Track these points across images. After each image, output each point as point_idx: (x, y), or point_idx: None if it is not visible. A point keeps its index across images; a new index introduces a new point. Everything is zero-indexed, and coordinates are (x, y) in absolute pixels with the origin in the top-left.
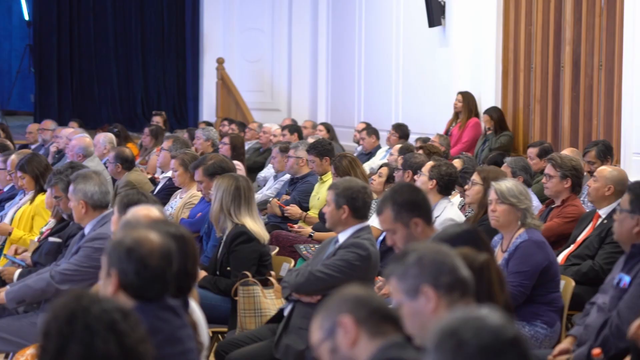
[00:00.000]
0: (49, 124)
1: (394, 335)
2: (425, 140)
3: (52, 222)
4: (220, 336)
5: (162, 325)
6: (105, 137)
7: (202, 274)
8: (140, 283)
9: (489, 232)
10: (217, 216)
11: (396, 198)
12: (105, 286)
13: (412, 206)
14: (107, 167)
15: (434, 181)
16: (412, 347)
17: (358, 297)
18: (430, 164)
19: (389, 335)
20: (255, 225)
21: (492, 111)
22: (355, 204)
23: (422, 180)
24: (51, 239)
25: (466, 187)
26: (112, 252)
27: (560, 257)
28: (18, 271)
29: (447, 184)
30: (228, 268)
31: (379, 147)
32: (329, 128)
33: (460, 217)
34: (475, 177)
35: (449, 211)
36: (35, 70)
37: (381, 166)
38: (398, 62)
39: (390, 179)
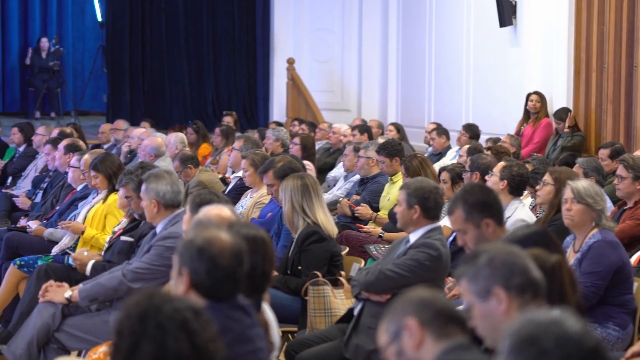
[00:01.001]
0: (121, 124)
1: (459, 337)
2: (495, 140)
3: (124, 221)
4: (290, 336)
5: (233, 324)
6: (177, 138)
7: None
8: (211, 282)
9: (560, 232)
10: (291, 217)
11: (467, 198)
12: (177, 285)
13: (483, 206)
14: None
15: (505, 182)
16: (477, 348)
17: (422, 299)
18: (501, 164)
19: (455, 336)
20: (326, 218)
21: (563, 112)
22: (426, 204)
23: (493, 181)
24: (123, 238)
25: (537, 187)
26: (184, 251)
27: (633, 259)
28: (91, 263)
29: (518, 185)
30: (299, 267)
31: (449, 148)
32: (399, 128)
33: (531, 218)
34: (547, 177)
35: (520, 212)
36: (107, 71)
37: (440, 171)
38: (469, 62)
39: (456, 179)
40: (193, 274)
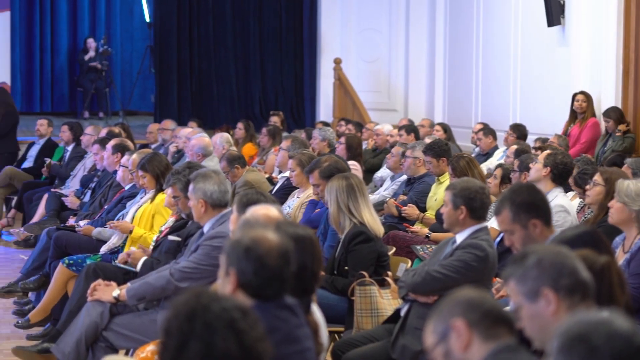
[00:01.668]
0: (168, 123)
1: (507, 339)
2: (544, 140)
3: (171, 220)
4: (336, 336)
5: (280, 324)
6: (222, 138)
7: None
8: (258, 282)
9: (610, 233)
10: (337, 218)
11: (514, 198)
12: (224, 285)
13: (530, 207)
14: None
15: (548, 168)
16: (525, 350)
17: (470, 300)
18: (546, 152)
19: (502, 338)
20: (372, 218)
21: (612, 111)
22: (472, 204)
23: (537, 168)
24: (171, 237)
25: (587, 187)
26: (231, 251)
27: None
28: (143, 259)
29: (561, 173)
30: (346, 268)
31: (496, 148)
32: (445, 128)
33: (571, 206)
34: (597, 178)
35: (560, 199)
36: (155, 71)
37: (497, 167)
38: (516, 62)
39: (505, 179)
40: (240, 273)
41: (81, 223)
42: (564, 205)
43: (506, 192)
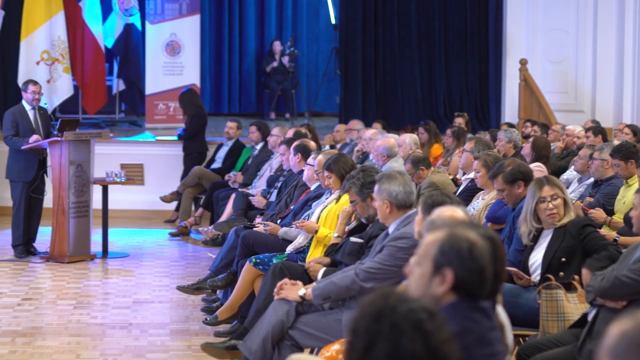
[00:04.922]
0: (355, 124)
1: None
2: None
3: (354, 222)
4: (521, 339)
5: (473, 326)
6: (411, 138)
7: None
8: (473, 283)
9: None
10: None
11: None
12: (432, 285)
13: None
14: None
15: None
16: None
17: None
18: None
19: None
20: None
21: None
22: None
23: None
24: (353, 239)
25: None
26: (449, 250)
27: None
28: (322, 270)
29: None
30: (563, 259)
31: None
32: (635, 130)
33: None
34: None
35: None
36: (340, 73)
37: None
38: None
39: None
40: (460, 273)
41: (265, 223)
42: None
43: None
